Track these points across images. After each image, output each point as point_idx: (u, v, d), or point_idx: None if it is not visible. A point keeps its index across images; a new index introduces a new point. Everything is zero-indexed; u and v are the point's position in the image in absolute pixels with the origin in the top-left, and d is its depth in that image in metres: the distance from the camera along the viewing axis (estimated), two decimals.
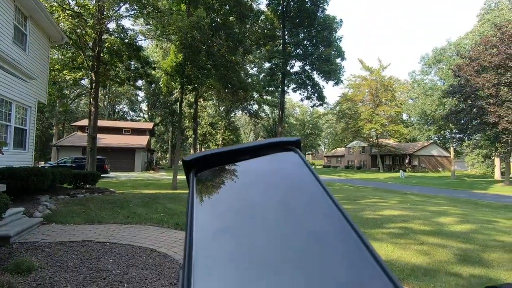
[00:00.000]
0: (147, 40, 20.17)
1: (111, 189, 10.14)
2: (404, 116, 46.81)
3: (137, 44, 12.13)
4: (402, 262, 3.79)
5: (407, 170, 39.43)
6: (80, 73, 12.64)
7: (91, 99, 11.56)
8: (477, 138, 27.70)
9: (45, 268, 3.11)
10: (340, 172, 40.12)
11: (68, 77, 12.85)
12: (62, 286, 2.73)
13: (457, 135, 27.24)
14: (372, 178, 28.61)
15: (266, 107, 42.21)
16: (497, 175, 28.58)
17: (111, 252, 3.74)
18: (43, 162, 24.66)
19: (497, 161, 29.16)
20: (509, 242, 4.92)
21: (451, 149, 29.54)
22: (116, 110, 47.99)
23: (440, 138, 43.02)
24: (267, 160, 0.30)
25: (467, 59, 21.34)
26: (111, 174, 20.64)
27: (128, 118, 48.85)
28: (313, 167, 0.29)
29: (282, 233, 0.22)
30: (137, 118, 49.52)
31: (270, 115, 49.84)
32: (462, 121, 23.45)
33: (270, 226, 0.23)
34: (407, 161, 42.39)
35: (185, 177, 0.29)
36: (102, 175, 11.20)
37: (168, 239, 4.41)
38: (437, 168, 42.02)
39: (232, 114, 43.11)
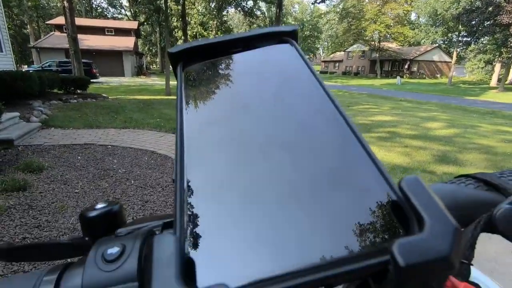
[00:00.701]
0: None
1: (103, 95, 10.00)
2: (413, 16, 42.92)
3: None
4: (385, 162, 4.14)
5: (404, 76, 38.86)
6: None
7: None
8: (484, 42, 26.36)
9: (55, 168, 3.34)
10: (336, 78, 39.43)
11: None
12: (74, 182, 2.99)
13: (464, 39, 25.76)
14: (368, 84, 28.39)
15: (262, 4, 37.77)
16: (494, 82, 28.51)
17: (114, 154, 3.96)
18: (26, 66, 23.37)
19: (497, 67, 28.57)
20: (486, 145, 5.31)
21: (454, 54, 28.40)
22: (94, 6, 42.72)
23: (446, 42, 40.76)
24: (261, 53, 0.27)
25: None
26: (101, 79, 19.97)
27: (109, 16, 44.04)
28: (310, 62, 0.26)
29: (276, 124, 0.21)
30: (119, 16, 44.65)
31: (266, 14, 45.17)
32: (473, 22, 21.78)
33: (263, 119, 0.22)
34: (406, 67, 41.29)
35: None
36: (91, 80, 10.80)
37: (167, 142, 4.63)
38: (435, 75, 41.40)
39: (225, 12, 38.96)
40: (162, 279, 0.15)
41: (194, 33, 34.63)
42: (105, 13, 44.35)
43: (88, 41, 23.37)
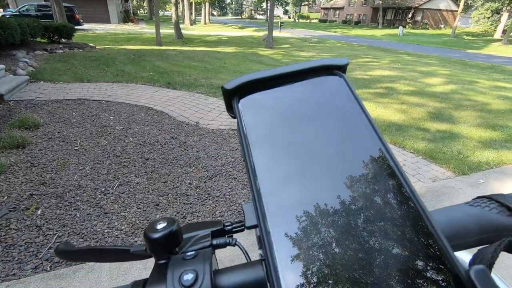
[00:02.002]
0: None
1: (90, 44, 9.44)
2: None
3: None
4: (381, 119, 4.19)
5: (407, 26, 36.99)
6: None
7: None
8: None
9: (50, 124, 3.31)
10: (336, 27, 37.39)
11: None
12: (72, 139, 3.00)
13: None
14: (369, 35, 27.11)
15: None
16: (498, 34, 27.47)
17: (109, 110, 3.91)
18: (1, 10, 21.46)
19: (504, 16, 27.26)
20: (481, 102, 5.34)
21: (462, 1, 26.74)
22: None
23: None
24: (312, 84, 0.28)
25: None
26: (85, 26, 18.63)
27: None
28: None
29: (325, 157, 0.24)
30: None
31: None
32: None
33: (314, 149, 0.24)
34: (410, 16, 39.05)
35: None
36: (75, 27, 10.08)
37: (162, 97, 4.54)
38: (439, 25, 39.47)
39: None
40: None
41: None
42: None
43: None
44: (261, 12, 74.56)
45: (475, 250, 0.25)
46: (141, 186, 2.32)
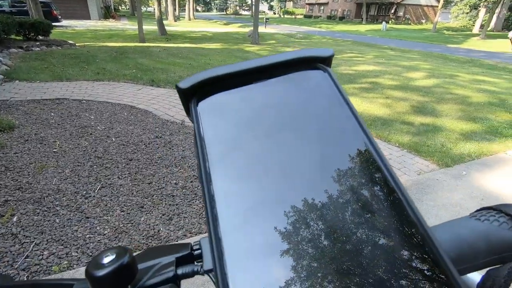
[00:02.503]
0: None
1: (69, 42, 9.09)
2: None
3: None
4: (367, 114, 4.22)
5: (390, 22, 37.66)
6: None
7: None
8: None
9: (27, 126, 3.15)
10: (321, 23, 37.57)
11: None
12: (50, 141, 2.87)
13: None
14: (353, 30, 27.39)
15: None
16: (476, 28, 28.33)
17: (89, 109, 3.76)
18: None
19: (482, 11, 28.14)
20: (462, 95, 5.48)
21: None
22: None
23: None
24: (288, 83, 0.22)
25: None
26: (64, 22, 17.92)
27: None
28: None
29: (307, 159, 0.19)
30: None
31: None
32: None
33: (293, 154, 0.19)
34: (392, 11, 39.78)
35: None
36: (53, 23, 9.67)
37: (146, 96, 4.42)
38: (420, 20, 40.39)
39: None
40: None
41: None
42: None
43: None
44: (246, 8, 74.06)
45: (483, 270, 0.22)
46: (124, 188, 2.24)
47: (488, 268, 0.23)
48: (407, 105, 4.73)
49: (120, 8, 44.26)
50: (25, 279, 1.47)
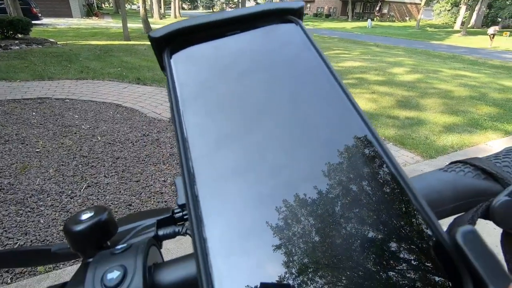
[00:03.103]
0: None
1: (51, 40, 8.82)
2: None
3: None
4: None
5: (375, 19, 38.28)
6: None
7: None
8: None
9: (7, 126, 3.05)
10: (307, 20, 37.78)
11: None
12: (33, 141, 2.78)
13: None
14: (339, 27, 27.68)
15: None
16: (458, 25, 29.13)
17: (73, 108, 3.67)
18: None
19: (462, 9, 28.94)
20: (445, 89, 5.64)
21: None
22: None
23: None
24: (262, 33, 0.22)
25: None
26: (45, 20, 17.38)
27: None
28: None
29: (282, 109, 0.19)
30: None
31: None
32: None
33: (268, 106, 0.19)
34: (377, 8, 40.43)
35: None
36: (32, 21, 9.35)
37: (132, 94, 4.34)
38: (404, 18, 41.22)
39: None
40: None
41: None
42: None
43: None
44: (233, 6, 73.68)
45: (448, 221, 0.23)
46: (111, 187, 2.20)
47: (454, 216, 0.25)
48: (393, 99, 4.82)
49: (103, 5, 43.24)
50: (9, 280, 1.43)
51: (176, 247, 1.57)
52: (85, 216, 0.20)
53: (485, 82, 6.57)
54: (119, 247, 0.20)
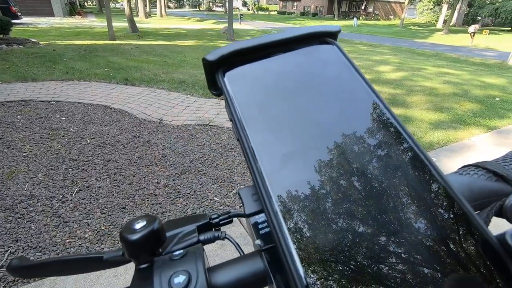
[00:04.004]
0: None
1: (32, 40, 8.55)
2: None
3: None
4: None
5: (360, 18, 38.85)
6: None
7: None
8: None
9: None
10: (295, 19, 37.98)
11: None
12: (19, 145, 2.71)
13: None
14: None
15: None
16: (440, 24, 29.93)
17: (60, 110, 3.58)
18: None
19: (444, 8, 29.75)
20: (429, 87, 5.80)
21: None
22: None
23: None
24: (304, 54, 0.25)
25: None
26: (25, 19, 16.81)
27: None
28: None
29: (330, 127, 0.22)
30: None
31: None
32: None
33: (317, 120, 0.22)
34: (363, 7, 41.04)
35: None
36: (12, 21, 9.04)
37: (120, 95, 4.27)
38: (389, 16, 42.01)
39: None
40: None
41: None
42: None
43: None
44: (220, 4, 73.15)
45: None
46: (103, 190, 2.17)
47: None
48: None
49: (86, 4, 42.14)
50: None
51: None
52: (138, 226, 0.22)
53: (467, 79, 6.80)
54: (177, 253, 0.21)
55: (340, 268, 0.16)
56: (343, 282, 0.15)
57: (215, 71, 0.24)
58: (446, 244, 0.17)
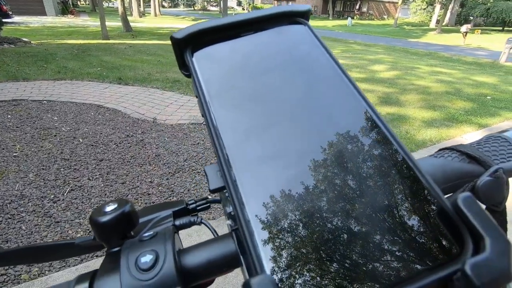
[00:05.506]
0: None
1: (24, 39, 8.42)
2: None
3: None
4: None
5: (355, 17, 39.11)
6: None
7: None
8: None
9: None
10: None
11: None
12: (10, 145, 2.66)
13: None
14: (321, 25, 28.06)
15: None
16: (433, 23, 30.25)
17: (52, 110, 3.54)
18: None
19: (437, 8, 30.08)
20: (422, 86, 5.86)
21: None
22: None
23: None
24: (274, 34, 0.25)
25: None
26: (16, 18, 16.57)
27: None
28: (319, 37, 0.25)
29: (298, 107, 0.22)
30: None
31: None
32: None
33: (286, 99, 0.22)
34: (357, 7, 41.33)
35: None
36: (3, 20, 8.90)
37: (113, 94, 4.23)
38: (383, 16, 42.36)
39: None
40: None
41: None
42: None
43: None
44: (214, 4, 72.99)
45: None
46: (96, 190, 2.15)
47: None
48: (374, 96, 4.96)
49: (79, 3, 41.71)
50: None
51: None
52: (109, 208, 0.21)
53: (460, 78, 6.88)
54: (146, 234, 0.21)
55: (303, 250, 0.16)
56: (304, 264, 0.15)
57: (183, 49, 0.24)
58: (403, 212, 0.18)
